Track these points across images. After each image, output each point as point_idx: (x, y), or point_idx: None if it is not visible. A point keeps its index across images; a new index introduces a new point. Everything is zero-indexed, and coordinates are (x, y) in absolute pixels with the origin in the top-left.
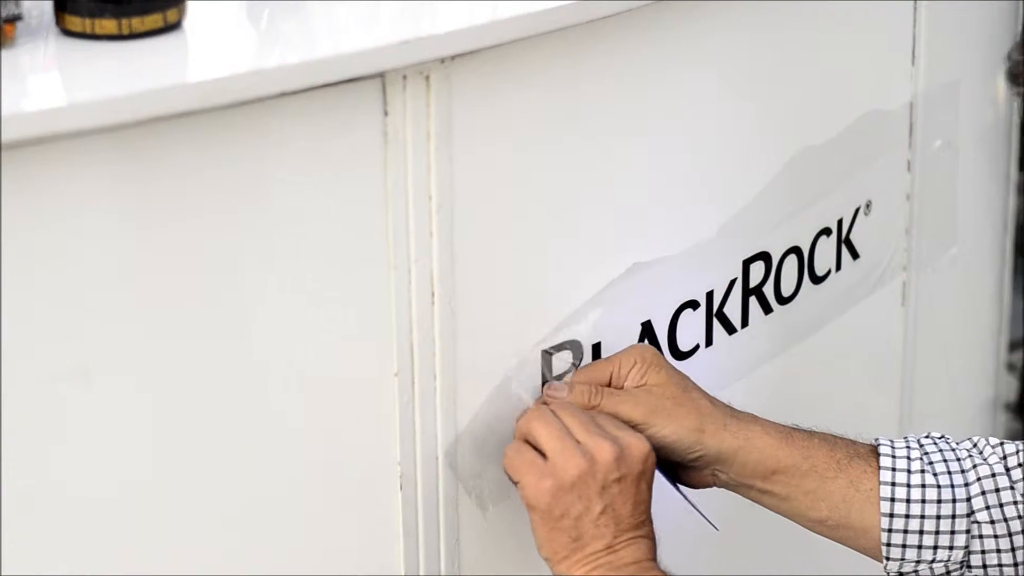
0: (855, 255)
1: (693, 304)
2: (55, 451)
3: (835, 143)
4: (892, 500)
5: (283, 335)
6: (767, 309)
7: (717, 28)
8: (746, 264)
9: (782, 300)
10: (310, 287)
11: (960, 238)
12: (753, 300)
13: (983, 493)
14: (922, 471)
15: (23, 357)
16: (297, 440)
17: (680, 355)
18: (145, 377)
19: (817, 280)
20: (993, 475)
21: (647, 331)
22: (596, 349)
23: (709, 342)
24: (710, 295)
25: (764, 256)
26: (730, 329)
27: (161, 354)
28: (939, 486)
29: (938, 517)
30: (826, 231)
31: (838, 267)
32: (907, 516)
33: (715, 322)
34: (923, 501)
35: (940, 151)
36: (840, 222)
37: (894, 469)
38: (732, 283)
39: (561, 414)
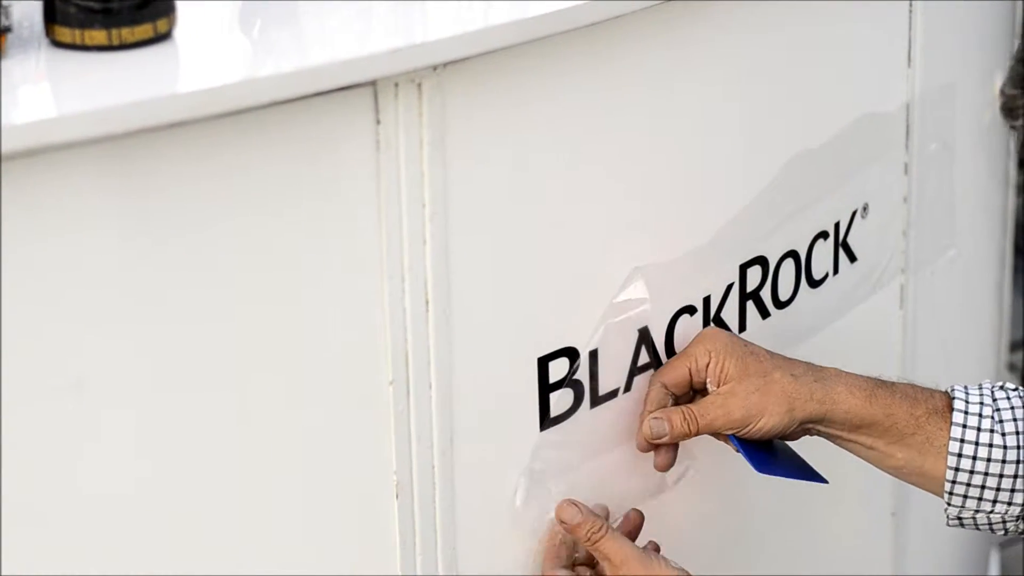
0: (853, 258)
1: (690, 310)
2: (50, 463)
3: (831, 146)
4: (959, 456)
5: (277, 344)
6: (764, 314)
7: (710, 33)
8: (743, 269)
9: (779, 304)
10: (304, 296)
11: (958, 240)
12: (750, 305)
13: None
14: (991, 430)
15: (16, 369)
16: (293, 450)
17: None
18: (140, 388)
19: (814, 284)
20: None
21: (644, 338)
22: (593, 356)
23: None
24: (707, 300)
25: (761, 260)
26: None
27: (155, 365)
28: (1005, 447)
29: (1000, 476)
30: (823, 234)
31: (835, 271)
32: (971, 472)
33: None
34: (988, 460)
35: (937, 153)
36: (837, 225)
37: (964, 426)
38: (729, 288)
39: None
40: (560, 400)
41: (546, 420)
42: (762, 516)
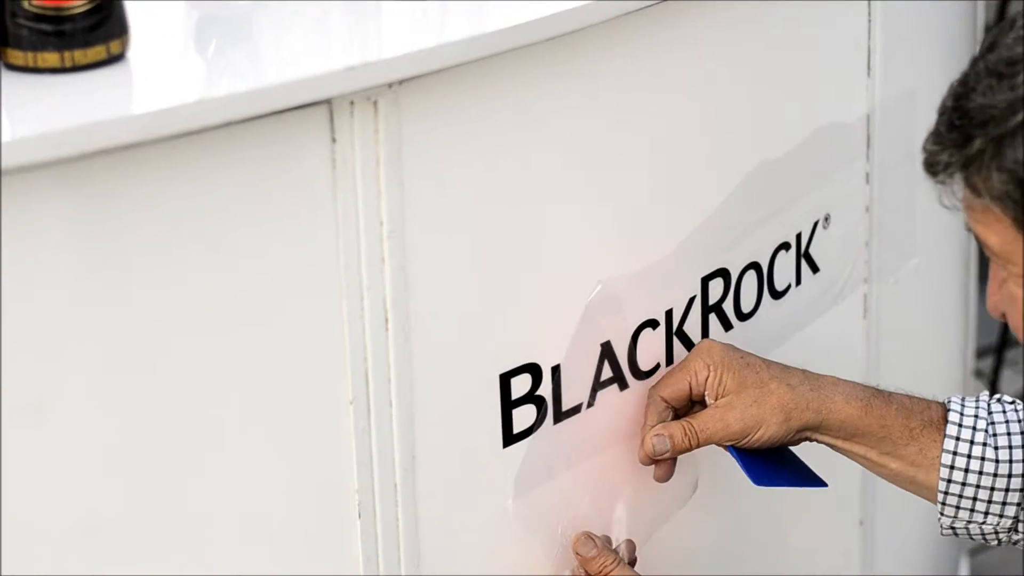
0: (815, 269)
1: (653, 323)
2: (8, 486)
3: (792, 157)
4: (951, 468)
5: (237, 365)
6: (727, 326)
7: (669, 45)
8: (705, 281)
9: (742, 316)
10: (263, 316)
11: (921, 248)
12: (713, 317)
13: None
14: (984, 444)
15: None
16: (253, 470)
17: (641, 375)
18: (98, 411)
19: (777, 295)
20: None
21: (607, 352)
22: (555, 372)
23: (670, 361)
24: (669, 313)
25: (723, 272)
26: (691, 347)
27: (113, 387)
28: (997, 460)
29: (992, 488)
30: (785, 246)
31: (798, 281)
32: (963, 484)
33: (675, 340)
34: (980, 473)
35: (898, 162)
36: (799, 236)
37: (958, 439)
38: (691, 301)
39: None
40: (523, 416)
41: (509, 437)
42: (730, 525)
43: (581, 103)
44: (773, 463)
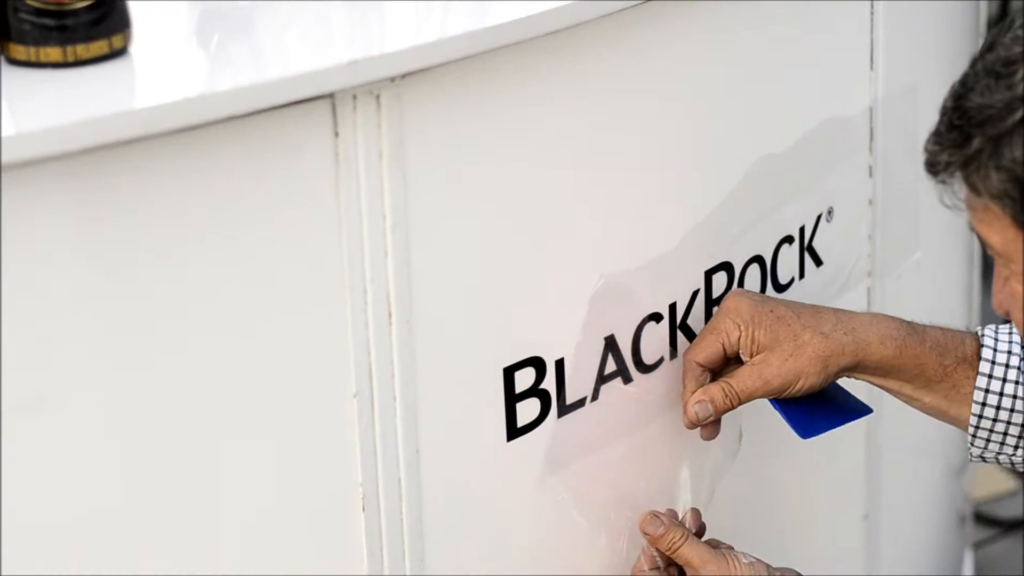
0: (818, 262)
1: (656, 317)
2: (9, 482)
3: (795, 150)
4: (983, 405)
5: (240, 359)
6: None
7: (672, 39)
8: (708, 275)
9: None
10: (266, 310)
11: (924, 241)
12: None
13: None
14: (1016, 382)
15: None
16: (257, 464)
17: (645, 368)
18: (100, 405)
19: (780, 288)
20: None
21: (610, 346)
22: (559, 365)
23: (674, 354)
24: (673, 307)
25: (726, 266)
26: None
27: (114, 381)
28: None
29: (1023, 425)
30: (788, 239)
31: (801, 275)
32: (994, 420)
33: (679, 334)
34: (1012, 410)
35: (901, 156)
36: (802, 230)
37: (990, 376)
38: (695, 294)
39: None
40: (527, 410)
41: (513, 431)
42: (733, 519)
43: (584, 97)
44: (816, 406)
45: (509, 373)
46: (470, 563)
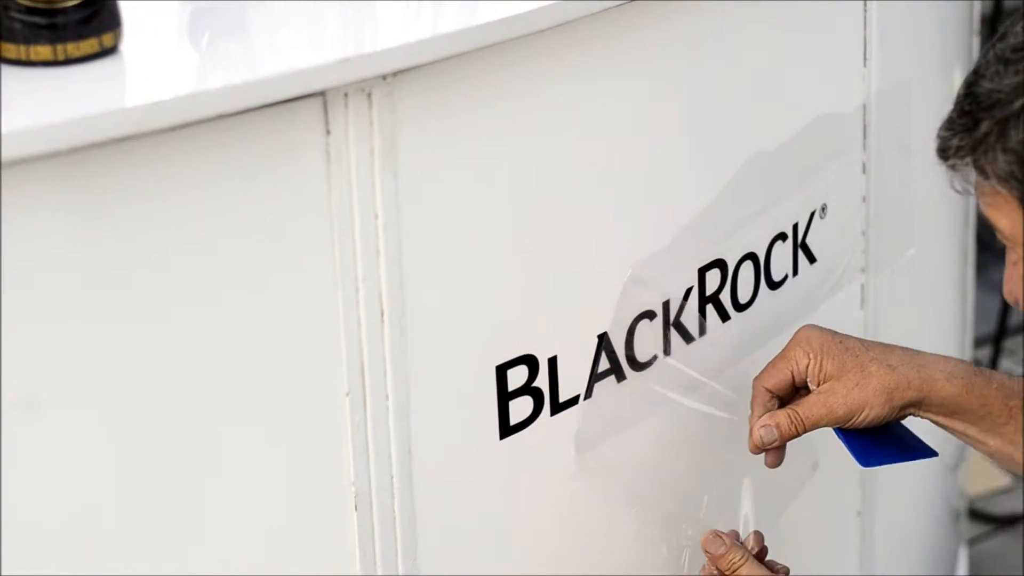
0: (812, 259)
1: (650, 314)
2: (5, 482)
3: (788, 147)
4: None
5: (232, 357)
6: (724, 317)
7: (664, 34)
8: (701, 272)
9: (739, 307)
10: (258, 309)
11: (918, 238)
12: (710, 308)
13: None
14: None
15: None
16: (249, 464)
17: (638, 366)
18: (94, 406)
19: (774, 286)
20: None
21: (604, 343)
22: (552, 363)
23: (667, 352)
24: (666, 304)
25: (720, 263)
26: (688, 338)
27: (109, 382)
28: None
29: None
30: (782, 236)
31: (795, 272)
32: None
33: (672, 332)
34: None
35: (894, 152)
36: (796, 226)
37: None
38: (688, 292)
39: None
40: (519, 408)
41: (506, 429)
42: (730, 517)
43: (576, 94)
44: (881, 439)
45: (502, 371)
46: (463, 562)
